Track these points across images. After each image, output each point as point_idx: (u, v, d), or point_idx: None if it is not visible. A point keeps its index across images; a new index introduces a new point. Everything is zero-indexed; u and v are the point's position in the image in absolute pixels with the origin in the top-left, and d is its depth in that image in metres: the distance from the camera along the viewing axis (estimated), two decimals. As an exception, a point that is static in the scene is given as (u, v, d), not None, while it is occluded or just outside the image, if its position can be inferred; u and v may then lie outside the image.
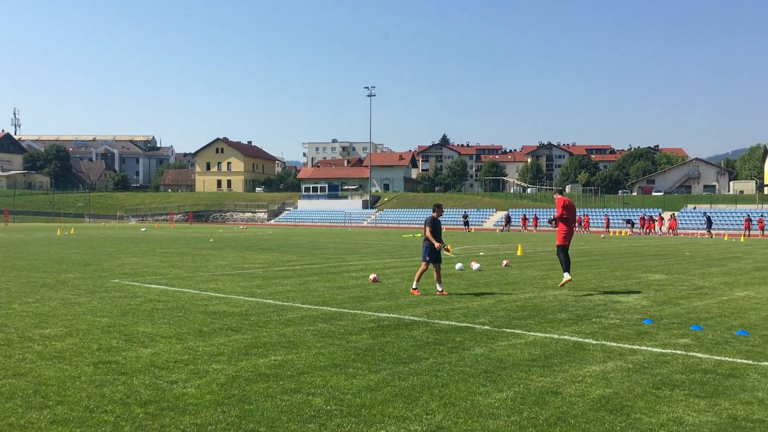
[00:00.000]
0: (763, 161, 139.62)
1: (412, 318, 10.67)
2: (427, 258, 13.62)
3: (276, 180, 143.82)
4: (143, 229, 61.83)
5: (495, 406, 5.90)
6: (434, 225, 13.79)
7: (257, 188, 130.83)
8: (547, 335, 9.27)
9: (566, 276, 14.12)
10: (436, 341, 8.78)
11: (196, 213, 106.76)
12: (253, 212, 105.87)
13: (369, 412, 5.69)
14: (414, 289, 13.72)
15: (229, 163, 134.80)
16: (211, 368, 7.17)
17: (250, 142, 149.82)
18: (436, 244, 13.49)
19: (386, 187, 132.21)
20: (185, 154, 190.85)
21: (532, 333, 9.43)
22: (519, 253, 27.81)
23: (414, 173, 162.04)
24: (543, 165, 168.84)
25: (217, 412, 5.65)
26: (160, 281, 16.00)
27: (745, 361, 7.70)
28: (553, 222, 14.72)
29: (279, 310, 11.47)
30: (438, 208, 14.06)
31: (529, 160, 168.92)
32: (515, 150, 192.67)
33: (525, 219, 70.75)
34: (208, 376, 6.82)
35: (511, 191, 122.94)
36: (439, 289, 13.67)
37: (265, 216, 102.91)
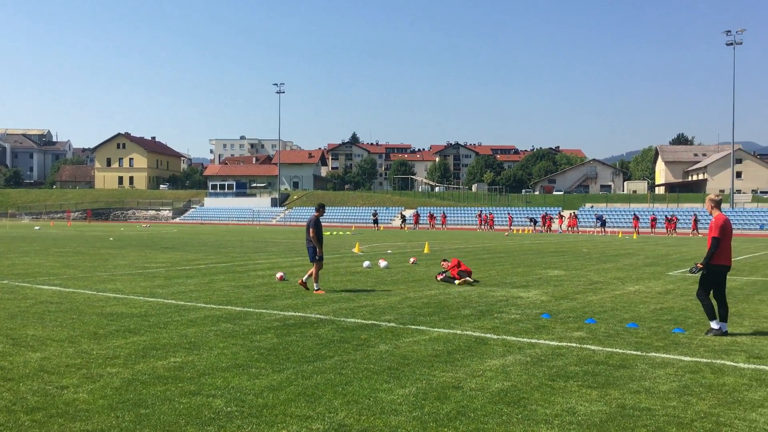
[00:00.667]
0: (654, 162, 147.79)
1: (318, 316, 10.61)
2: (317, 257, 13.63)
3: (182, 177, 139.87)
4: (37, 228, 58.65)
5: (397, 402, 5.94)
6: (317, 226, 13.87)
7: (162, 185, 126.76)
8: (451, 331, 9.44)
9: None
10: (341, 339, 8.76)
11: (96, 211, 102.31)
12: (157, 210, 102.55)
13: (271, 412, 5.61)
14: (317, 290, 13.60)
15: (131, 159, 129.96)
16: (105, 372, 6.88)
17: (154, 138, 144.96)
18: (318, 251, 13.51)
19: (296, 185, 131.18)
20: (84, 150, 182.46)
21: (436, 329, 9.58)
22: (426, 250, 28.21)
23: (324, 171, 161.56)
24: (451, 164, 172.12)
25: (110, 417, 5.42)
26: (54, 282, 15.23)
27: (635, 353, 8.10)
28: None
29: (181, 310, 11.14)
30: (321, 208, 14.30)
31: (437, 159, 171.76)
32: (424, 149, 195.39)
33: (432, 217, 71.89)
34: (102, 381, 6.53)
35: (420, 190, 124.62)
36: (316, 287, 13.63)
37: (170, 214, 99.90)
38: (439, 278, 15.94)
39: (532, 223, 66.31)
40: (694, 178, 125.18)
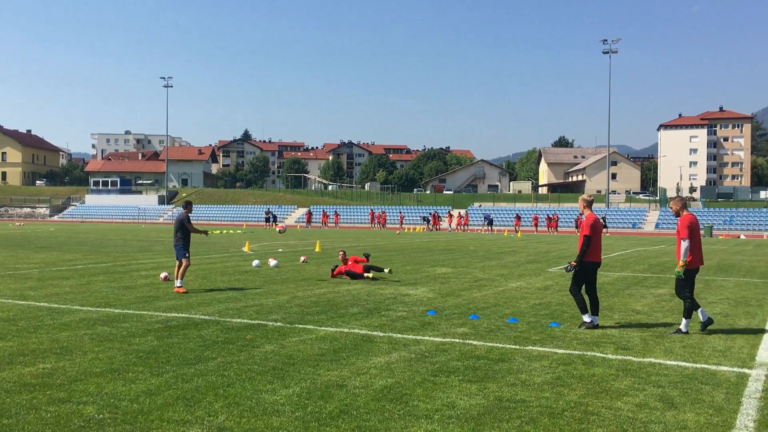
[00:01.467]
0: (538, 164, 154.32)
1: (202, 317, 10.34)
2: (187, 254, 13.52)
3: (60, 173, 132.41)
4: None
5: (280, 402, 5.88)
6: (183, 225, 13.72)
7: (38, 181, 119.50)
8: (338, 329, 9.45)
9: None
10: (225, 340, 8.58)
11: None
12: (32, 207, 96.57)
13: (146, 417, 5.40)
14: (179, 287, 13.29)
15: (3, 154, 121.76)
16: (-36, 381, 6.39)
17: (29, 131, 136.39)
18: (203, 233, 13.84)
19: (184, 183, 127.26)
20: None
21: (323, 328, 9.56)
22: (317, 249, 28.13)
23: (214, 168, 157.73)
24: (344, 163, 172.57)
25: (-33, 430, 5.04)
26: None
27: (513, 347, 8.41)
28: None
29: (53, 313, 10.54)
30: (188, 206, 14.12)
31: (330, 157, 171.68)
32: (317, 148, 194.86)
33: (326, 215, 71.81)
34: (-40, 391, 6.07)
35: (313, 188, 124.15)
36: (178, 284, 13.39)
37: (47, 212, 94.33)
38: (334, 274, 16.03)
39: (425, 222, 67.59)
40: (574, 179, 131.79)
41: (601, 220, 10.06)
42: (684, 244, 9.29)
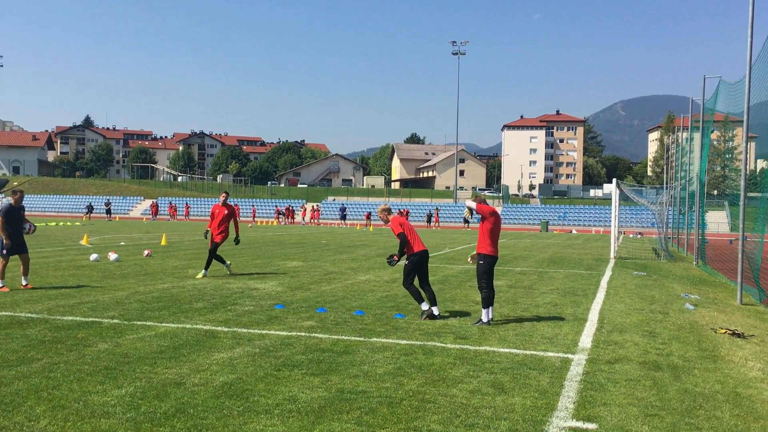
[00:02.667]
0: (391, 159, 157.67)
1: (29, 315, 9.59)
2: (4, 251, 12.25)
3: None
4: None
5: (111, 404, 5.57)
6: (10, 215, 12.28)
7: None
8: (180, 325, 9.12)
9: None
10: (54, 339, 8.00)
11: None
12: None
13: (-45, 427, 4.92)
14: (1, 287, 12.22)
15: None
16: None
17: None
18: (6, 241, 12.18)
19: (16, 170, 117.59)
20: None
21: (164, 324, 9.19)
22: (163, 242, 27.02)
23: (51, 156, 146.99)
24: (195, 154, 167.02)
25: None
26: None
27: (358, 339, 8.53)
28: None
29: None
30: (16, 194, 12.54)
31: (180, 148, 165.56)
32: (166, 137, 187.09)
33: (173, 208, 69.14)
34: None
35: (162, 179, 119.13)
36: (24, 282, 12.49)
37: None
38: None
39: (282, 215, 66.91)
40: (425, 174, 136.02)
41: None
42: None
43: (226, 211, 15.42)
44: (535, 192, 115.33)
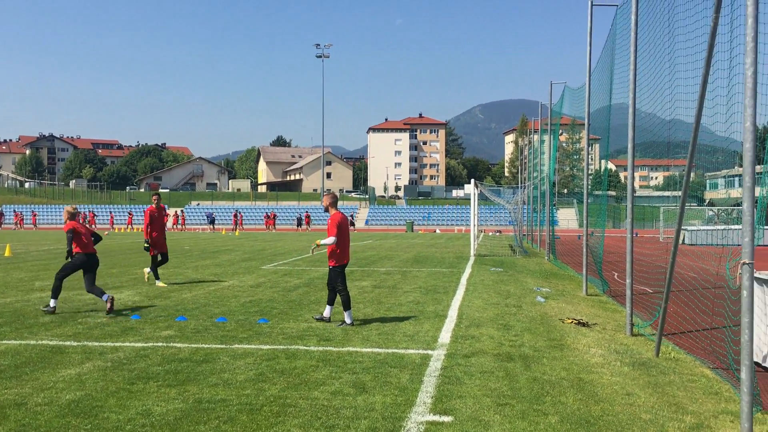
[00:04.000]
0: (257, 162, 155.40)
1: None
2: None
3: None
4: None
5: (-62, 432, 5.09)
6: None
7: None
8: (23, 342, 8.48)
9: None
10: None
11: None
12: None
13: None
14: None
15: None
16: None
17: None
18: None
19: None
20: None
21: (4, 342, 8.51)
22: (7, 253, 25.04)
23: None
24: (44, 158, 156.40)
25: None
26: None
27: (219, 346, 8.32)
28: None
29: None
30: None
31: (28, 152, 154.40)
32: (11, 140, 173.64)
33: (18, 215, 64.31)
34: None
35: (6, 185, 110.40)
36: None
37: None
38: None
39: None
40: (292, 177, 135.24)
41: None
42: (330, 240, 9.88)
43: (163, 213, 15.28)
44: (401, 193, 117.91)
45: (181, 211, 69.38)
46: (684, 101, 8.00)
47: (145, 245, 14.85)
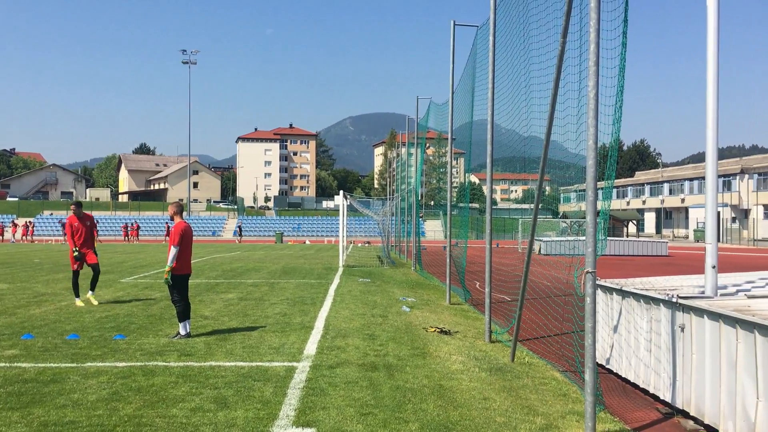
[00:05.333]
0: (118, 171, 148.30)
1: None
2: None
3: None
4: None
5: None
6: None
7: None
8: None
9: None
10: None
11: None
12: None
13: None
14: None
15: None
16: None
17: None
18: None
19: None
20: None
21: None
22: None
23: None
24: None
25: None
26: None
27: (69, 365, 7.81)
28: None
29: None
30: None
31: None
32: None
33: None
34: None
35: None
36: None
37: None
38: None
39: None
40: (156, 186, 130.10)
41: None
42: (173, 251, 9.69)
43: (88, 224, 13.57)
44: (271, 204, 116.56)
45: (29, 221, 64.69)
46: (538, 119, 8.48)
47: (75, 253, 13.27)
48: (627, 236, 70.01)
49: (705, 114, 6.32)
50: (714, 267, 6.38)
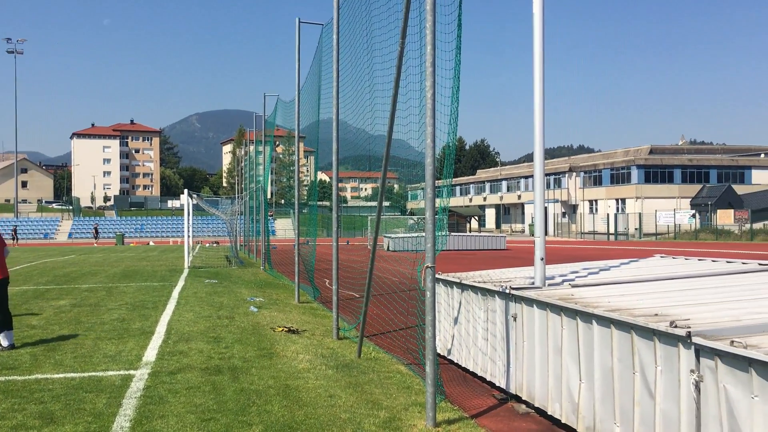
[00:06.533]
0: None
1: None
2: None
3: None
4: None
5: None
6: None
7: None
8: None
9: None
10: None
11: None
12: None
13: None
14: None
15: None
16: None
17: None
18: None
19: None
20: None
21: None
22: None
23: None
24: None
25: None
26: None
27: None
28: None
29: None
30: None
31: None
32: None
33: None
34: None
35: None
36: None
37: None
38: None
39: None
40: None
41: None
42: None
43: None
44: (111, 204, 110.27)
45: None
46: (383, 118, 8.60)
47: None
48: (470, 231, 73.47)
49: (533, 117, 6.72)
50: (542, 259, 6.80)
